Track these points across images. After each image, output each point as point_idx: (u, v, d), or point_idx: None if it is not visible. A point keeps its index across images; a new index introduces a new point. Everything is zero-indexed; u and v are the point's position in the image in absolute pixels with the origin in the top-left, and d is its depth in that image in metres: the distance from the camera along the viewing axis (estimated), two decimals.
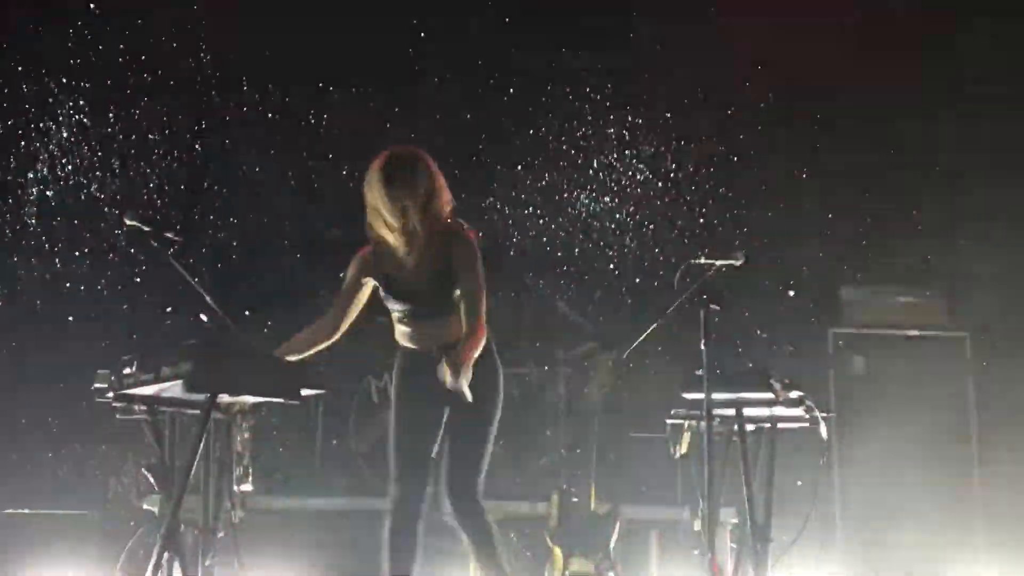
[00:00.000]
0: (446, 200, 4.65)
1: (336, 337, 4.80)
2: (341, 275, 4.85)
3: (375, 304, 4.85)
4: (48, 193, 8.13)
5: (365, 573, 4.72)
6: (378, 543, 5.24)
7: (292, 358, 4.66)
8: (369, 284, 4.75)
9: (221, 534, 4.70)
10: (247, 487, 4.80)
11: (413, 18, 8.38)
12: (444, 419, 4.68)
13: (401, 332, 4.78)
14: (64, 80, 8.13)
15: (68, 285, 8.01)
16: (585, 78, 8.63)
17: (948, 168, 8.31)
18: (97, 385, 4.47)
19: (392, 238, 4.62)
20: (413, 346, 4.76)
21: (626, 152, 8.69)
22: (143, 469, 4.59)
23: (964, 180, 8.24)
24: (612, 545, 6.00)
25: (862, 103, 8.39)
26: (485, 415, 4.66)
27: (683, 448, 5.25)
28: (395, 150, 4.64)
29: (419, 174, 4.56)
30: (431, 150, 8.30)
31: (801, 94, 8.46)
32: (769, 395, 4.98)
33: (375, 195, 4.56)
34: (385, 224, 4.59)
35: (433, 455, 4.68)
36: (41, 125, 8.13)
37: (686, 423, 5.22)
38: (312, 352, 4.75)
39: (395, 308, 4.73)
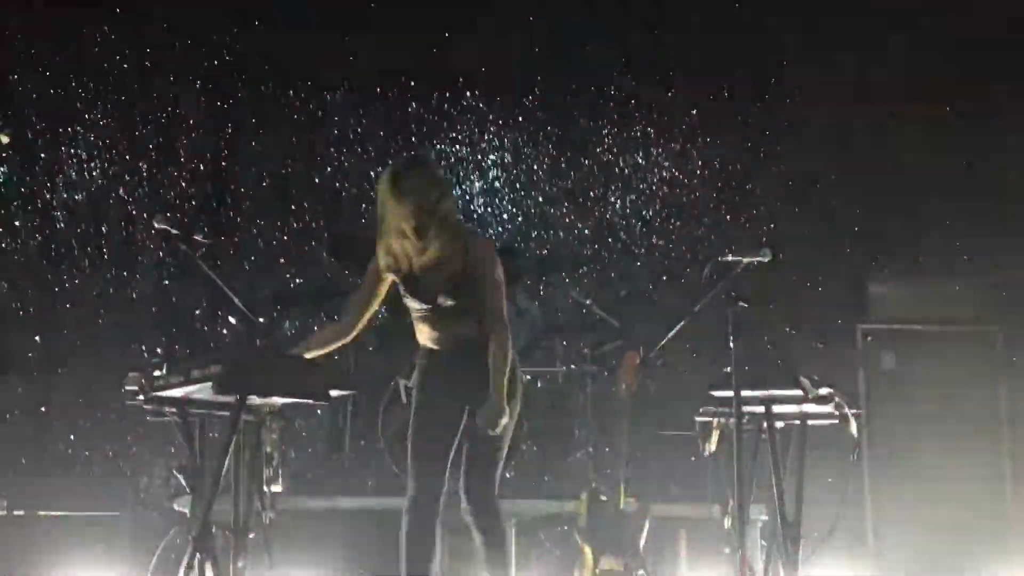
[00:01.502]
0: (453, 205, 4.72)
1: (354, 334, 4.81)
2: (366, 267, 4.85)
3: (402, 305, 4.86)
4: (77, 197, 8.19)
5: (395, 572, 4.72)
6: None
7: (314, 354, 4.68)
8: (388, 279, 4.77)
9: (252, 535, 4.71)
10: (277, 488, 4.81)
11: (437, 22, 8.41)
12: (463, 419, 4.69)
13: (420, 331, 4.81)
14: (91, 84, 8.19)
15: (97, 288, 8.07)
16: (610, 76, 8.63)
17: (976, 161, 8.26)
18: (127, 387, 4.49)
19: (404, 244, 4.65)
20: (432, 345, 4.79)
21: (652, 149, 8.68)
22: (174, 471, 4.60)
23: (993, 173, 8.19)
24: (642, 543, 5.99)
25: (890, 96, 8.35)
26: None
27: (712, 446, 5.24)
28: (402, 158, 4.74)
29: (427, 178, 4.60)
30: (457, 153, 8.41)
31: (827, 88, 8.43)
32: (798, 392, 4.96)
33: (386, 201, 4.60)
34: (396, 231, 4.62)
35: (451, 455, 4.69)
36: (69, 130, 8.19)
37: (715, 420, 5.20)
38: (331, 349, 4.77)
39: (414, 307, 4.76)
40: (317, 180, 8.38)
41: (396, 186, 4.56)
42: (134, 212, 8.15)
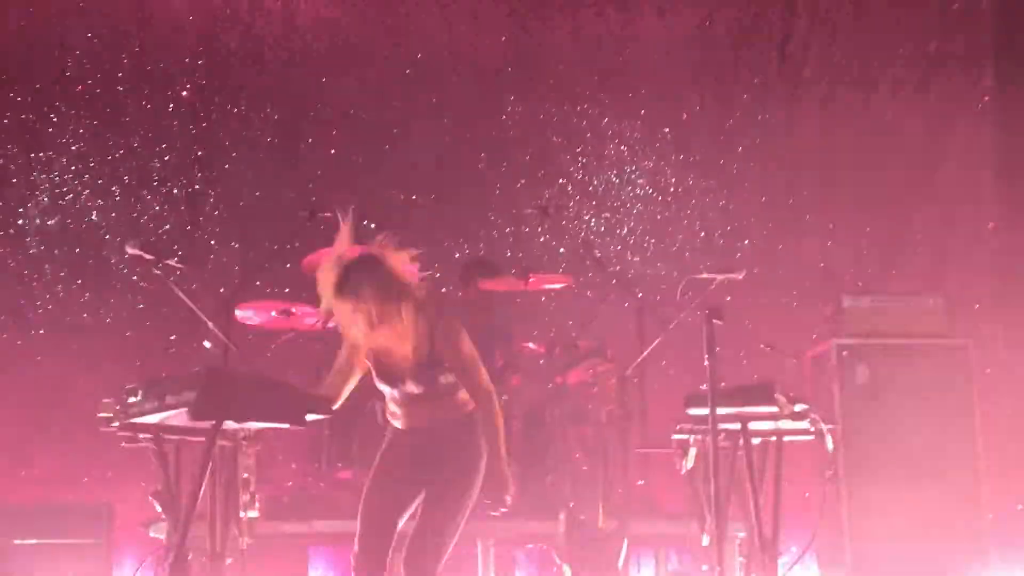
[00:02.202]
0: (406, 301, 4.55)
1: (336, 404, 4.75)
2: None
3: None
4: (49, 222, 8.15)
5: None
6: None
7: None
8: (362, 363, 4.74)
9: (229, 560, 4.69)
10: (254, 513, 4.79)
11: (413, 32, 8.42)
12: (419, 499, 4.68)
13: (391, 411, 4.82)
14: (63, 108, 8.16)
15: (71, 314, 8.03)
16: (583, 92, 8.66)
17: (947, 176, 8.33)
18: (102, 414, 4.47)
19: (358, 335, 4.57)
20: (400, 425, 4.80)
21: (625, 167, 8.71)
22: (149, 497, 4.58)
23: (964, 188, 8.26)
24: (620, 562, 5.99)
25: (862, 113, 8.41)
26: (454, 501, 4.63)
27: (689, 463, 5.25)
28: (344, 259, 4.53)
29: (368, 283, 4.47)
30: (429, 168, 8.40)
31: (801, 104, 8.49)
32: (774, 408, 4.97)
33: (330, 301, 4.51)
34: (346, 325, 4.55)
35: (399, 526, 4.68)
36: (41, 154, 8.16)
37: (692, 438, 5.22)
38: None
39: (384, 390, 4.76)
40: (291, 201, 8.36)
41: (337, 291, 4.46)
42: (108, 237, 8.12)
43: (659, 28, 8.49)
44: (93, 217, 8.19)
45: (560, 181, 8.66)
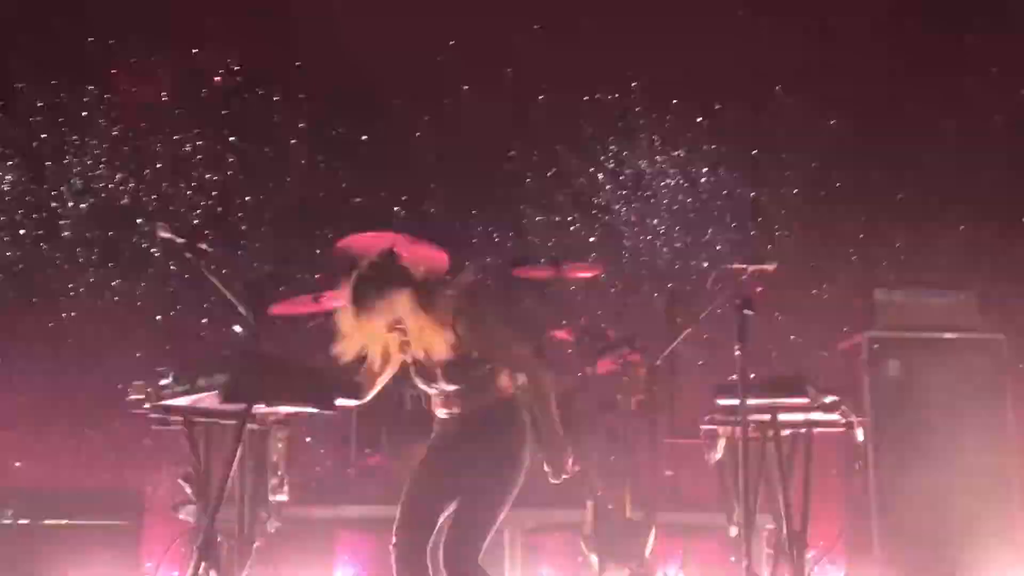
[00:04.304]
0: (420, 299, 4.42)
1: (365, 400, 4.64)
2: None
3: None
4: (82, 206, 8.20)
5: None
6: None
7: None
8: (395, 361, 4.62)
9: (257, 544, 4.71)
10: (282, 497, 4.81)
11: (443, 26, 8.41)
12: (458, 491, 4.49)
13: (433, 403, 4.65)
14: (98, 92, 8.20)
15: (103, 297, 8.07)
16: (616, 83, 8.63)
17: (983, 170, 8.26)
18: (133, 396, 4.49)
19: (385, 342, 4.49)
20: (441, 416, 4.64)
21: (657, 157, 8.68)
22: (179, 480, 4.61)
23: (999, 181, 8.19)
24: (647, 551, 5.98)
25: (895, 105, 8.36)
26: (493, 492, 4.46)
27: (718, 454, 5.23)
28: (359, 272, 4.41)
29: (377, 292, 4.36)
30: (462, 158, 8.39)
31: (833, 96, 8.43)
32: (804, 400, 4.95)
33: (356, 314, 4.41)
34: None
35: (440, 519, 4.50)
36: (75, 138, 8.20)
37: (720, 429, 5.20)
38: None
39: (423, 389, 4.63)
40: (325, 189, 8.38)
41: (355, 304, 4.37)
42: (139, 221, 8.16)
43: (692, 16, 8.44)
44: (125, 201, 8.22)
45: (591, 170, 8.63)
